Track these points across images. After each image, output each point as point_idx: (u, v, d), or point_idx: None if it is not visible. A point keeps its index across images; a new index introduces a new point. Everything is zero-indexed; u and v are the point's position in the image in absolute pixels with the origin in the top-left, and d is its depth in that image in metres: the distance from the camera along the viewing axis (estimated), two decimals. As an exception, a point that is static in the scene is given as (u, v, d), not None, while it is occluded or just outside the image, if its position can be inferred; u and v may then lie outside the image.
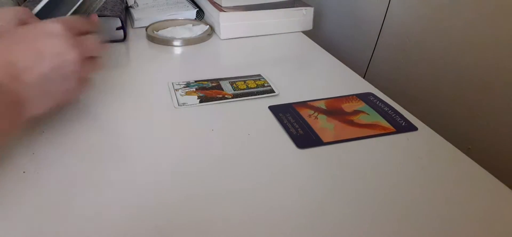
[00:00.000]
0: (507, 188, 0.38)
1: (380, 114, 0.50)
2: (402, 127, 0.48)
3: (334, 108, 0.52)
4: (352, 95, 0.55)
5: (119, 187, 0.37)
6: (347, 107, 0.52)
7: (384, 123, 0.49)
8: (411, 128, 0.48)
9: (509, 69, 0.57)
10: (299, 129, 0.47)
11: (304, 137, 0.45)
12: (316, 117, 0.49)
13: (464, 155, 0.43)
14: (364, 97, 0.54)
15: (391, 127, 0.48)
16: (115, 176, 0.38)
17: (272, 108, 0.51)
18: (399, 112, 0.50)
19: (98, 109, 0.50)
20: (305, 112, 0.50)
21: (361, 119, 0.49)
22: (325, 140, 0.45)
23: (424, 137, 0.47)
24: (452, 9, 0.65)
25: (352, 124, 0.48)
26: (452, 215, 0.35)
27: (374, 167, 0.41)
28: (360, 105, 0.52)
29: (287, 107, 0.51)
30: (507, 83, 0.57)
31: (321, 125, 0.48)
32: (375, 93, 0.56)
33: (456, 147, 0.44)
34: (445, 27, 0.67)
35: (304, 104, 0.53)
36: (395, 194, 0.37)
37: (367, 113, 0.50)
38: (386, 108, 0.51)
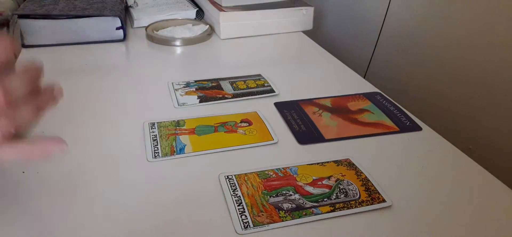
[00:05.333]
0: (507, 188, 0.38)
1: (385, 114, 0.50)
2: (406, 126, 0.48)
3: (339, 107, 0.52)
4: (359, 94, 0.55)
5: (120, 185, 0.37)
6: (352, 106, 0.52)
7: (389, 122, 0.49)
8: (415, 127, 0.48)
9: (509, 69, 0.57)
10: (302, 125, 0.47)
11: (306, 133, 0.46)
12: (320, 115, 0.49)
13: (465, 155, 0.43)
14: (371, 96, 0.55)
15: (395, 126, 0.48)
16: (116, 174, 0.38)
17: (278, 105, 0.51)
18: (404, 112, 0.50)
19: (98, 110, 0.50)
20: (309, 110, 0.50)
21: (365, 117, 0.49)
22: (327, 136, 0.45)
23: (425, 136, 0.47)
24: (453, 9, 0.65)
25: (356, 122, 0.48)
26: (452, 215, 0.35)
27: (374, 165, 0.40)
28: (366, 104, 0.52)
29: (292, 104, 0.52)
30: (507, 83, 0.57)
31: (325, 122, 0.48)
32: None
33: (457, 146, 0.44)
34: (446, 27, 0.67)
35: (309, 101, 0.53)
36: (395, 193, 0.37)
37: (372, 113, 0.50)
38: (392, 108, 0.51)
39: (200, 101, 0.52)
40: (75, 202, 0.35)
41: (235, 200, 0.35)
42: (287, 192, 0.36)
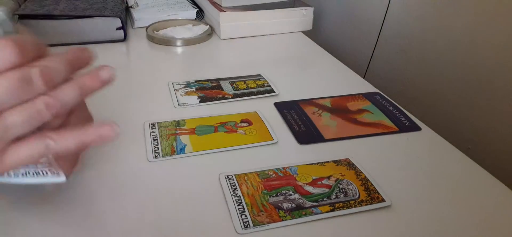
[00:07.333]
0: (506, 188, 0.39)
1: (385, 114, 0.50)
2: (406, 126, 0.48)
3: (338, 107, 0.52)
4: (359, 94, 0.55)
5: (121, 185, 0.37)
6: (352, 106, 0.52)
7: (388, 122, 0.49)
8: (415, 127, 0.48)
9: (509, 69, 0.57)
10: (301, 125, 0.47)
11: (306, 133, 0.46)
12: (319, 115, 0.49)
13: (464, 154, 0.43)
14: (371, 96, 0.55)
15: (394, 126, 0.48)
16: (116, 174, 0.38)
17: (278, 105, 0.52)
18: (404, 112, 0.51)
19: (97, 109, 0.50)
20: (309, 110, 0.51)
21: (365, 117, 0.50)
22: (326, 136, 0.45)
23: (424, 136, 0.47)
24: (452, 9, 0.65)
25: (355, 122, 0.49)
26: (451, 215, 0.35)
27: (373, 165, 0.41)
28: (366, 104, 0.53)
29: (292, 104, 0.52)
30: (507, 83, 0.57)
31: (324, 122, 0.48)
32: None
33: (456, 146, 0.45)
34: (445, 27, 0.67)
35: (309, 102, 0.53)
36: (394, 193, 0.37)
37: (372, 113, 0.51)
38: (391, 108, 0.52)
39: (200, 102, 0.52)
40: (75, 202, 0.35)
41: (235, 200, 0.35)
42: (287, 191, 0.36)
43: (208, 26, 0.79)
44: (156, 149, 0.42)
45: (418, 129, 0.48)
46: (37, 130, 0.27)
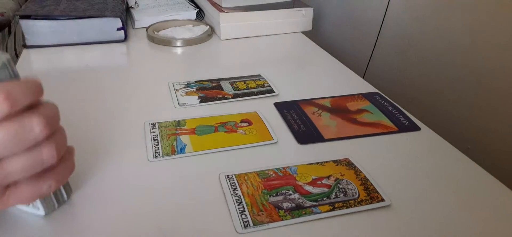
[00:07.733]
0: (506, 188, 0.39)
1: (385, 114, 0.51)
2: (405, 126, 0.48)
3: (338, 107, 0.52)
4: (358, 94, 0.55)
5: (121, 184, 0.37)
6: (352, 106, 0.52)
7: (388, 122, 0.49)
8: (414, 127, 0.48)
9: (509, 69, 0.57)
10: (301, 125, 0.47)
11: (306, 133, 0.46)
12: (319, 115, 0.49)
13: (463, 154, 0.43)
14: (370, 96, 0.55)
15: (394, 126, 0.48)
16: (116, 174, 0.39)
17: (277, 105, 0.52)
18: (403, 112, 0.51)
19: (99, 110, 0.50)
20: (309, 110, 0.51)
21: (364, 117, 0.50)
22: (326, 136, 0.45)
23: (423, 136, 0.47)
24: (451, 10, 0.65)
25: (355, 122, 0.49)
26: (450, 215, 0.35)
27: (373, 164, 0.41)
28: (365, 104, 0.53)
29: (292, 104, 0.52)
30: (506, 83, 0.58)
31: (324, 122, 0.48)
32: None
33: (455, 146, 0.45)
34: (444, 27, 0.67)
35: (309, 102, 0.53)
36: (394, 192, 0.37)
37: (371, 113, 0.51)
38: (391, 108, 0.52)
39: (201, 102, 0.52)
40: (75, 201, 0.35)
41: (235, 199, 0.35)
42: (287, 191, 0.37)
43: (208, 26, 0.79)
44: (156, 148, 0.42)
45: (417, 129, 0.48)
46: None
